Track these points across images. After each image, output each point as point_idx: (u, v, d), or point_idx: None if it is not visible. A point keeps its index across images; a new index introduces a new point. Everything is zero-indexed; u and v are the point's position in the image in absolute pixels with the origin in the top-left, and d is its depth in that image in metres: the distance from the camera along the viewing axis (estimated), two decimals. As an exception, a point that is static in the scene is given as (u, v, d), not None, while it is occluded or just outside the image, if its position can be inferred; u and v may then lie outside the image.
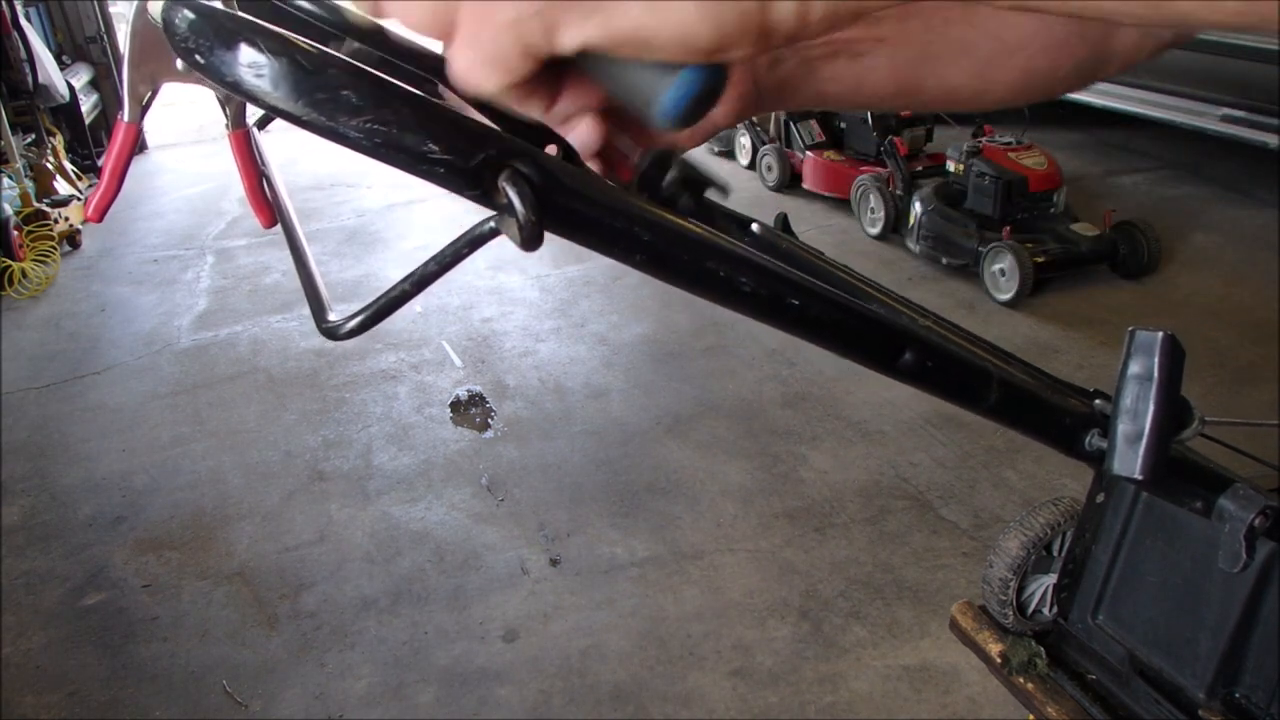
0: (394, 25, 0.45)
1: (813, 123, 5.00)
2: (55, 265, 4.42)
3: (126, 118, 0.68)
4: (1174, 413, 0.67)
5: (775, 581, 2.30)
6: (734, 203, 0.72)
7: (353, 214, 5.18)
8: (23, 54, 4.88)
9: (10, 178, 4.48)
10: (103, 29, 6.29)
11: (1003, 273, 3.66)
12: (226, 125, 0.74)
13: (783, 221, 1.01)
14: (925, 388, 0.65)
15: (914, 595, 2.24)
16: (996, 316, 3.63)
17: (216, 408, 3.24)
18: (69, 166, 5.33)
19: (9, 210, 4.27)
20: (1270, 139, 4.31)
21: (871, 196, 4.41)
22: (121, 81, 0.68)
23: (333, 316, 0.55)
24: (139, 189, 5.76)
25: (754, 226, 0.96)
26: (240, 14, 0.41)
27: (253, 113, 0.69)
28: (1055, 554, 1.18)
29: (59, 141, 5.41)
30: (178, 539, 2.57)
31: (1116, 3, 0.35)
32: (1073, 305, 3.69)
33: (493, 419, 3.10)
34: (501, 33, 0.37)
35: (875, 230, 4.42)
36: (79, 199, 4.91)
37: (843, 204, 4.73)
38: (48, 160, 5.02)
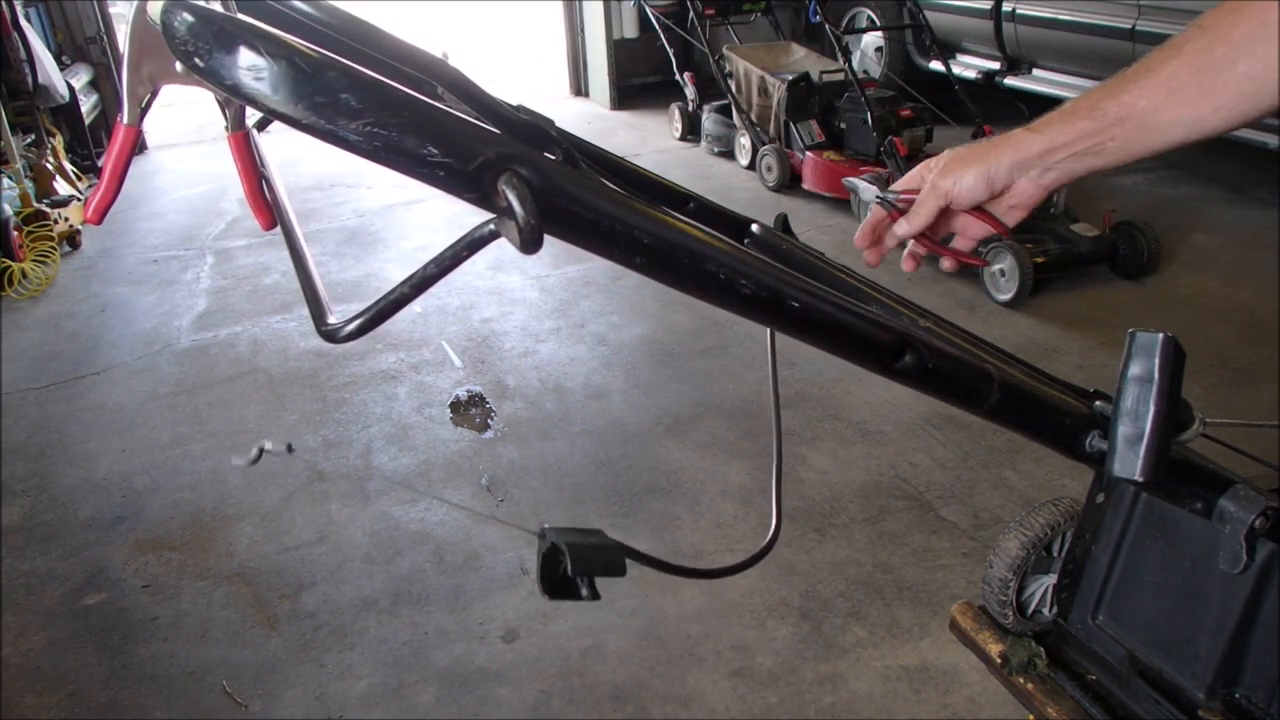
0: None
1: (812, 123, 5.00)
2: (55, 266, 4.42)
3: (125, 120, 0.68)
4: (1175, 414, 0.67)
5: (775, 582, 2.30)
6: (734, 203, 0.72)
7: (352, 214, 5.18)
8: (23, 54, 4.88)
9: (10, 178, 4.48)
10: (103, 29, 6.30)
11: (1002, 273, 3.66)
12: (226, 127, 0.74)
13: (783, 222, 1.01)
14: (926, 389, 0.65)
15: (914, 595, 2.24)
16: (996, 317, 3.63)
17: (216, 408, 3.24)
18: (69, 167, 5.33)
19: (9, 211, 4.27)
20: (1270, 139, 4.31)
21: (871, 196, 4.40)
22: (121, 83, 0.68)
23: (332, 319, 0.55)
24: (139, 189, 5.76)
25: (754, 227, 0.97)
26: (239, 17, 0.41)
27: (252, 114, 0.69)
28: (1055, 554, 1.18)
29: (59, 142, 5.41)
30: (178, 539, 2.57)
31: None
32: (1073, 305, 3.69)
33: (492, 419, 3.10)
34: None
35: (875, 230, 4.41)
36: (79, 199, 4.91)
37: (842, 204, 4.73)
38: (47, 161, 5.02)
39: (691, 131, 6.26)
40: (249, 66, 0.40)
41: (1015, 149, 0.87)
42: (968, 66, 5.74)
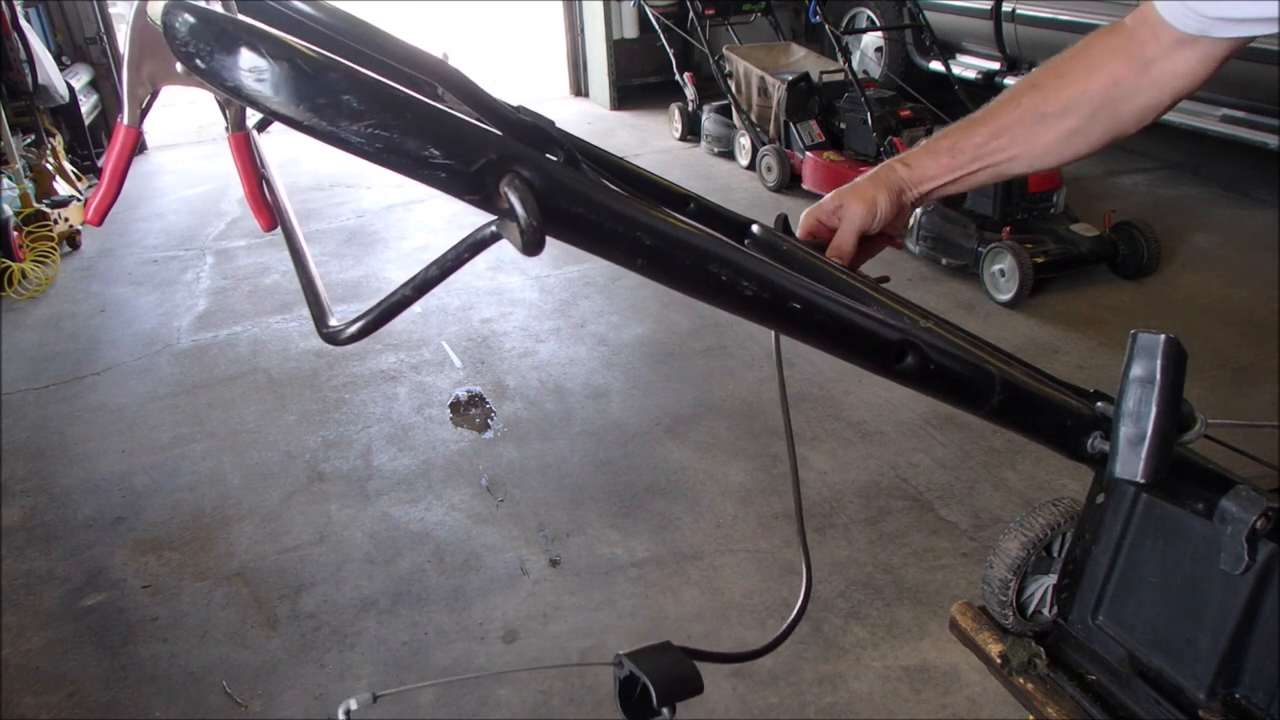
0: None
1: (812, 123, 5.00)
2: (55, 266, 4.42)
3: (126, 121, 0.67)
4: (1176, 416, 0.67)
5: (775, 582, 2.30)
6: (734, 203, 0.72)
7: (353, 214, 5.18)
8: (23, 55, 4.87)
9: (10, 178, 4.47)
10: (103, 30, 6.30)
11: (1002, 273, 3.66)
12: (226, 128, 0.73)
13: (783, 223, 1.01)
14: (927, 390, 0.65)
15: (914, 596, 2.24)
16: (996, 317, 3.63)
17: (216, 408, 3.24)
18: (69, 167, 5.33)
19: (9, 211, 4.27)
20: (1270, 139, 4.31)
21: (871, 197, 4.40)
22: (121, 83, 0.68)
23: (333, 321, 0.55)
24: (139, 190, 5.75)
25: (754, 228, 0.97)
26: (241, 18, 0.41)
27: (252, 115, 0.68)
28: (1055, 554, 1.17)
29: (59, 142, 5.41)
30: (177, 539, 2.57)
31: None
32: (1073, 306, 3.69)
33: (492, 419, 3.10)
34: None
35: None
36: (79, 200, 4.91)
37: (842, 204, 4.72)
38: (47, 161, 5.02)
39: (691, 132, 6.26)
40: (250, 68, 0.40)
41: (898, 179, 1.03)
42: (968, 66, 5.74)
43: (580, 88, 7.83)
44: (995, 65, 5.64)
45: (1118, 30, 0.96)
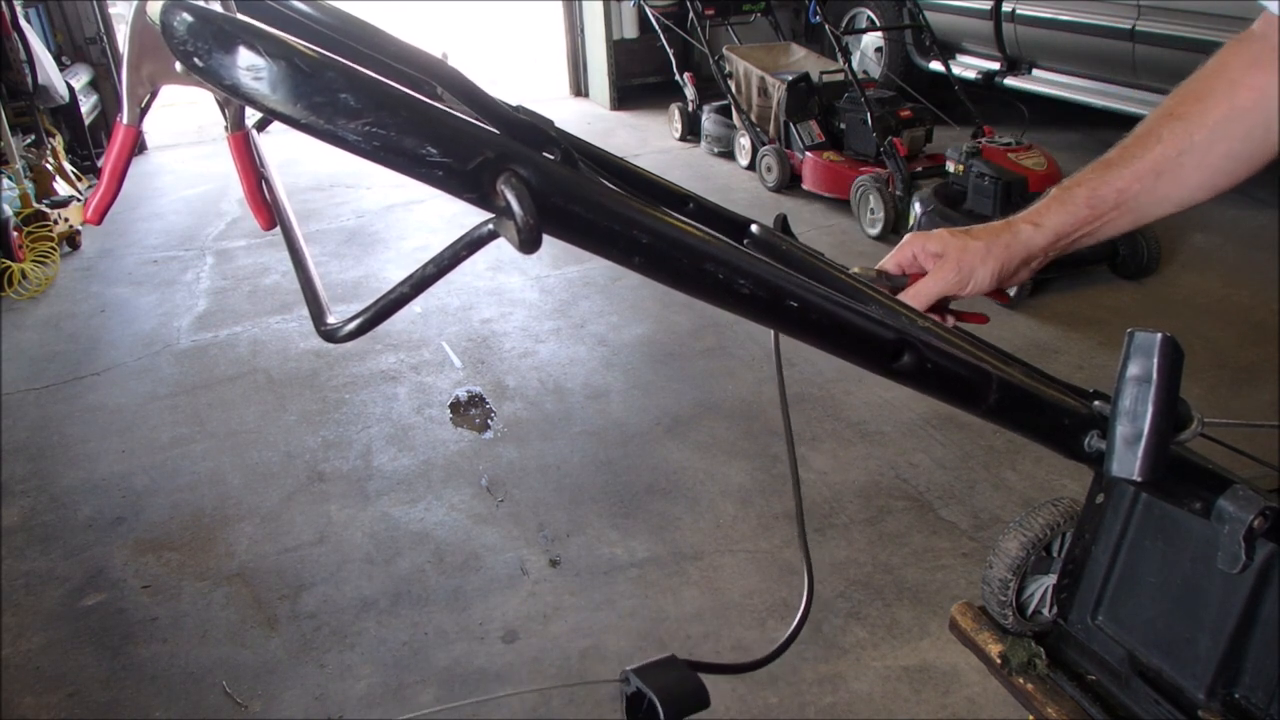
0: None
1: (812, 123, 5.00)
2: (55, 266, 4.42)
3: (125, 120, 0.68)
4: (1173, 414, 0.67)
5: (775, 582, 2.30)
6: (734, 203, 0.72)
7: (352, 215, 5.18)
8: (23, 55, 4.88)
9: (10, 179, 4.48)
10: (102, 30, 6.30)
11: (1002, 273, 3.65)
12: (226, 127, 0.74)
13: (782, 222, 1.01)
14: (924, 389, 0.65)
15: (914, 596, 2.24)
16: (997, 317, 3.62)
17: (216, 408, 3.24)
18: (69, 167, 5.33)
19: (9, 211, 4.27)
20: (1270, 139, 4.30)
21: (871, 197, 4.41)
22: (121, 83, 0.68)
23: (331, 319, 0.55)
24: (138, 190, 5.76)
25: (753, 227, 0.97)
26: (239, 17, 0.41)
27: (252, 114, 0.69)
28: (1055, 554, 1.17)
29: (59, 142, 5.41)
30: (177, 540, 2.57)
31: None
32: (1072, 306, 3.69)
33: (492, 420, 3.10)
34: None
35: (875, 231, 4.42)
36: (79, 200, 4.91)
37: (842, 204, 4.73)
38: (47, 161, 5.02)
39: (691, 132, 6.26)
40: (248, 66, 0.40)
41: (1025, 246, 0.94)
42: (968, 66, 5.74)
43: (580, 88, 7.83)
44: (995, 65, 5.64)
45: (1250, 40, 0.88)
